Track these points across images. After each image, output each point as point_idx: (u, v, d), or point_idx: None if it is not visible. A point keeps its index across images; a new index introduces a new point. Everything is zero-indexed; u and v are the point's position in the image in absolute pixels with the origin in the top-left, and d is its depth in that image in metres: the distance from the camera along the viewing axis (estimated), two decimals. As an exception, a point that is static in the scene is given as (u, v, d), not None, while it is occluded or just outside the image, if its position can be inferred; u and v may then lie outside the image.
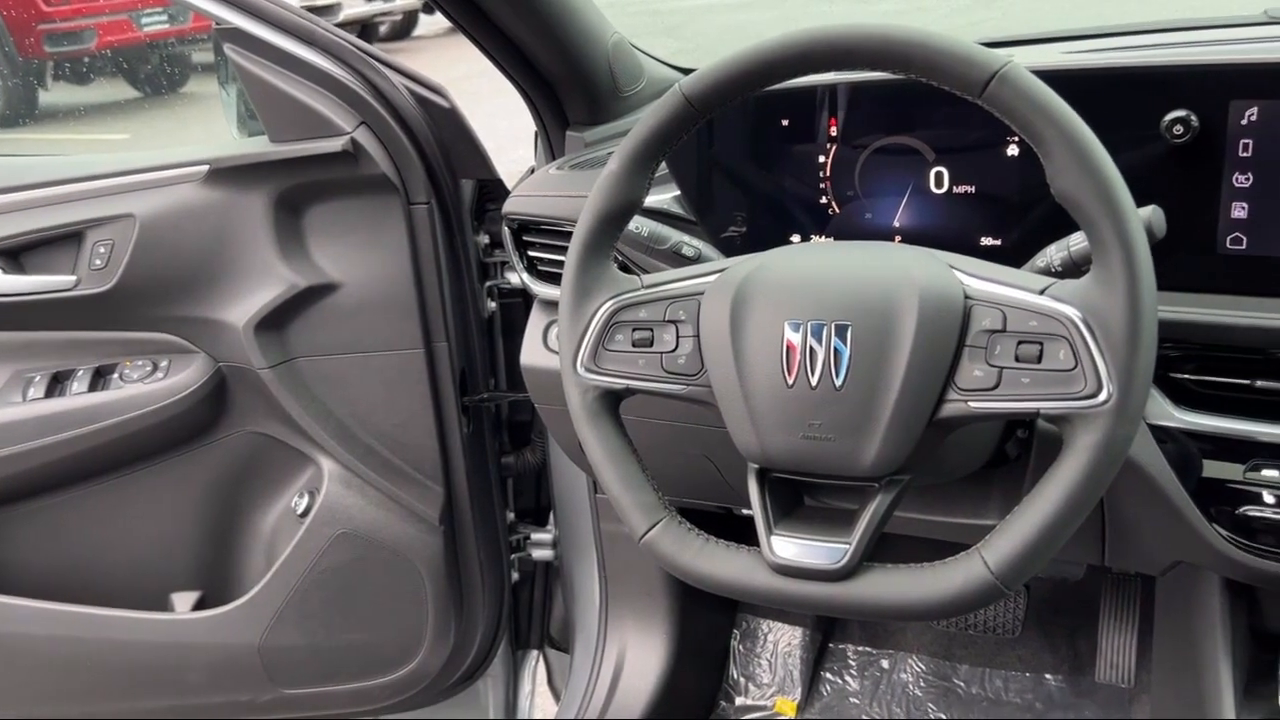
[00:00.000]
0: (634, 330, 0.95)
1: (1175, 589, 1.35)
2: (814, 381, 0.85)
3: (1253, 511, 1.02)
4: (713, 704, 2.02)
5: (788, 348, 0.87)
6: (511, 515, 1.84)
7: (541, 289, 1.40)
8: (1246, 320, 1.00)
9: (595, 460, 0.96)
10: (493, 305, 1.71)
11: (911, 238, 1.14)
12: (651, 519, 0.93)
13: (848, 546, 0.86)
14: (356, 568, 1.66)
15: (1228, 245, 1.00)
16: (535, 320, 1.46)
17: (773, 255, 0.94)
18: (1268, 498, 1.01)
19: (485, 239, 1.66)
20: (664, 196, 1.27)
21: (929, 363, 0.83)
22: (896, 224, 1.15)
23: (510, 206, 1.39)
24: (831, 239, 1.19)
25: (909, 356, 0.83)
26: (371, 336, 1.58)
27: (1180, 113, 0.98)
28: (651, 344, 0.94)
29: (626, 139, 0.94)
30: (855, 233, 1.17)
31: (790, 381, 0.86)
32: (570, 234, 0.99)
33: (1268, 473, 1.01)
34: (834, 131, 1.16)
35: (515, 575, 1.85)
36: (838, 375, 0.85)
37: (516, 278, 1.47)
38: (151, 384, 1.59)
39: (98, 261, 1.54)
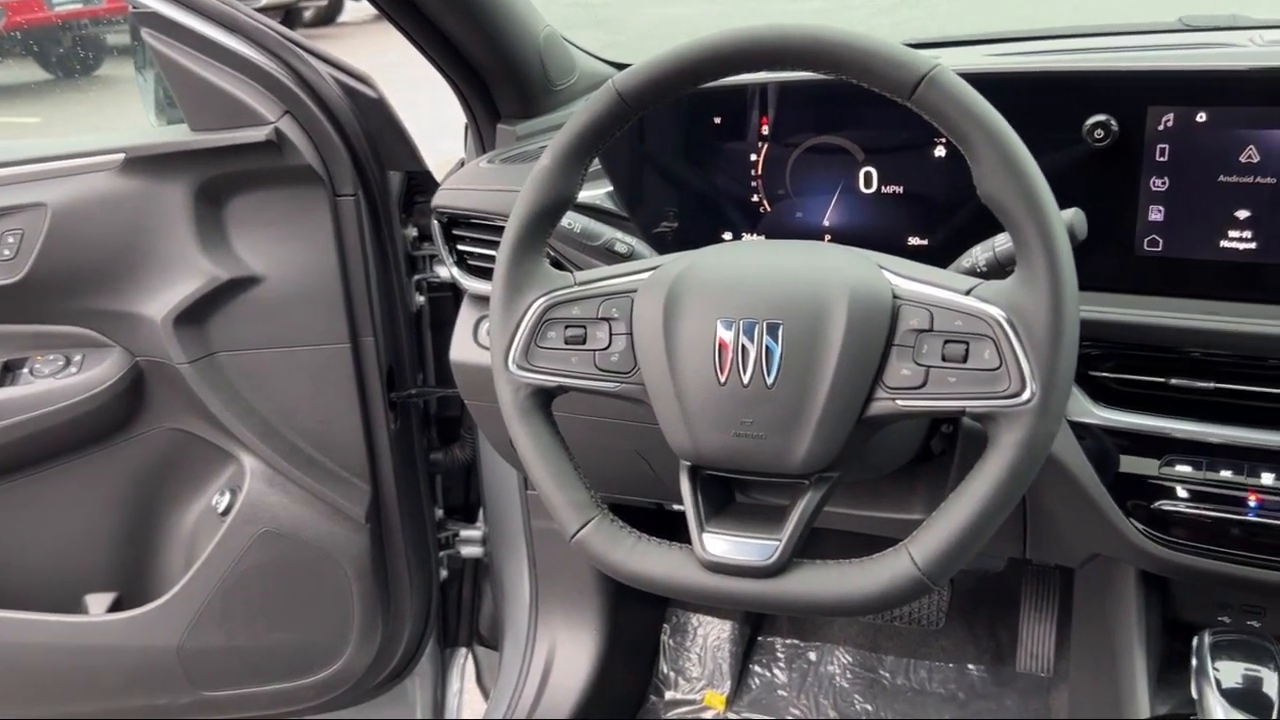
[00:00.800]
0: (567, 327, 0.94)
1: (1093, 581, 1.38)
2: (746, 380, 0.86)
3: (1167, 506, 1.05)
4: (642, 699, 2.02)
5: (720, 346, 0.87)
6: (440, 512, 1.82)
7: (472, 284, 1.39)
8: (1162, 320, 1.03)
9: (527, 458, 0.95)
10: (421, 300, 1.68)
11: (841, 237, 1.15)
12: (583, 517, 0.93)
13: (778, 543, 0.87)
14: (280, 567, 1.63)
15: (1145, 247, 1.03)
16: (465, 315, 1.45)
17: (706, 253, 0.94)
18: (1181, 492, 1.04)
19: (413, 232, 1.63)
20: (597, 192, 1.26)
21: (858, 362, 0.84)
22: (827, 223, 1.16)
23: (440, 199, 1.37)
24: (763, 237, 1.19)
25: (839, 355, 0.84)
26: (296, 331, 1.54)
27: (1101, 117, 1.00)
28: (584, 341, 0.94)
29: (559, 134, 0.94)
30: (786, 231, 1.18)
31: (723, 379, 0.87)
32: (501, 229, 0.98)
33: (1181, 468, 1.04)
34: (765, 130, 1.17)
35: (444, 573, 1.84)
36: (769, 374, 0.85)
37: (445, 272, 1.45)
38: (64, 379, 1.54)
39: (6, 252, 1.49)
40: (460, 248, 1.39)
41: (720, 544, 0.88)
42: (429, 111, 1.91)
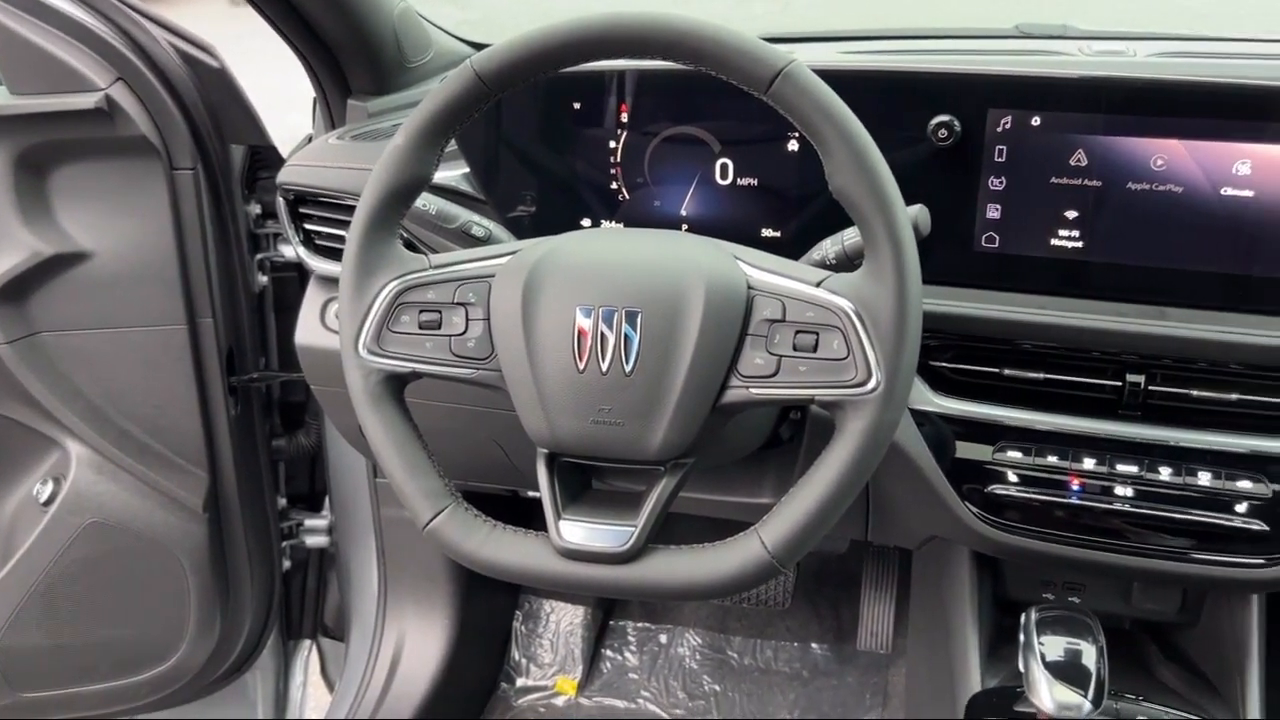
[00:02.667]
0: (421, 312, 0.92)
1: (929, 562, 1.45)
2: (604, 367, 0.86)
3: (999, 490, 1.11)
4: (493, 686, 2.01)
5: (579, 333, 0.87)
6: (283, 501, 1.77)
7: (319, 264, 1.34)
8: (997, 313, 1.08)
9: (377, 445, 0.93)
10: (264, 279, 1.62)
11: (698, 227, 1.16)
12: (436, 506, 0.91)
13: (633, 529, 0.87)
14: (109, 559, 1.54)
15: (983, 243, 1.08)
16: (312, 297, 1.40)
17: (565, 239, 0.93)
18: (1012, 477, 1.10)
19: (257, 209, 1.57)
20: (453, 174, 1.24)
21: (713, 350, 0.85)
22: (684, 212, 1.17)
23: (286, 176, 1.32)
24: (621, 224, 1.20)
25: (695, 344, 0.85)
26: (127, 310, 1.46)
27: (945, 118, 1.05)
28: (439, 326, 0.92)
29: (415, 113, 0.91)
30: (644, 219, 1.18)
31: (581, 367, 0.86)
32: (352, 208, 0.95)
33: (1012, 454, 1.10)
34: (624, 118, 1.17)
35: (287, 563, 1.78)
36: (627, 361, 0.85)
37: (291, 251, 1.40)
38: None
39: None
40: (307, 227, 1.34)
41: (576, 531, 0.88)
42: (275, 83, 1.83)
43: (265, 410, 1.69)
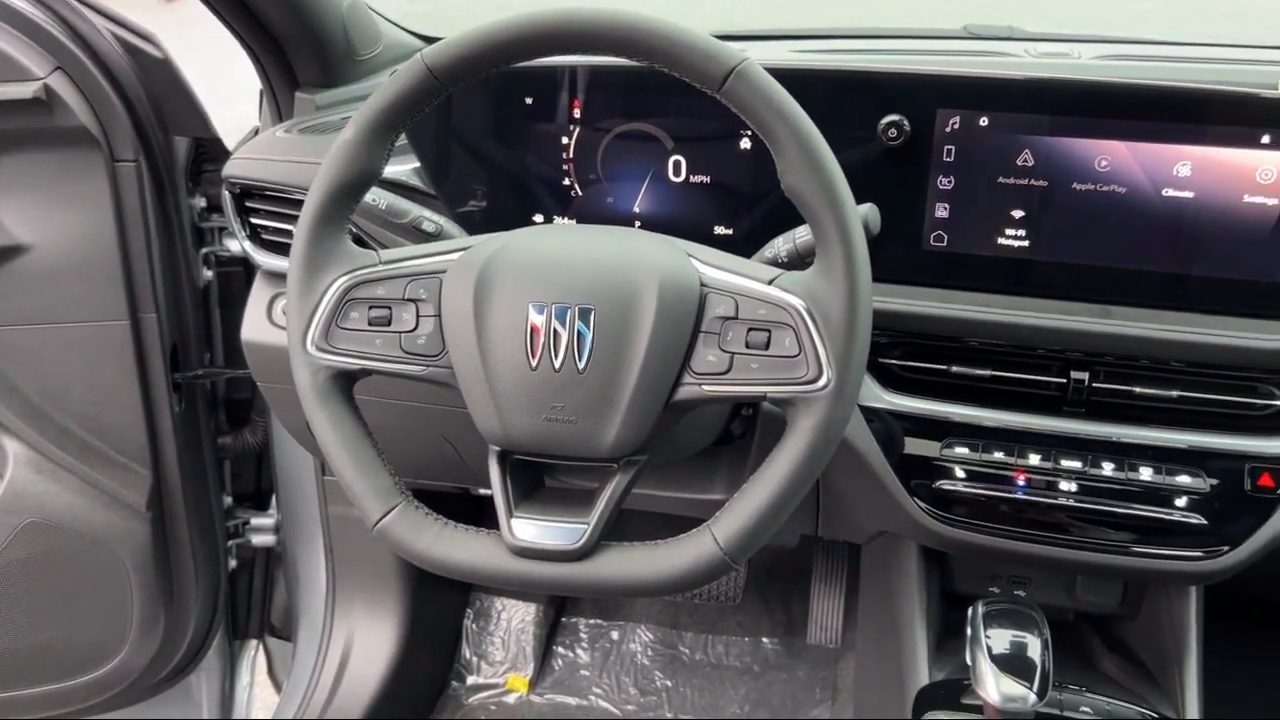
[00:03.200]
0: (370, 308, 0.91)
1: (878, 556, 1.46)
2: (557, 364, 0.86)
3: (946, 485, 1.12)
4: (444, 685, 2.00)
5: (532, 330, 0.86)
6: (229, 499, 1.74)
7: (266, 259, 1.32)
8: (945, 311, 1.10)
9: (326, 444, 0.92)
10: (209, 274, 1.59)
11: (651, 224, 1.16)
12: (386, 504, 0.90)
13: (586, 527, 0.87)
14: (48, 560, 1.51)
15: (931, 242, 1.10)
16: (258, 292, 1.38)
17: (517, 236, 0.93)
18: (959, 472, 1.12)
19: (201, 202, 1.54)
20: (403, 168, 1.23)
21: (667, 347, 0.85)
22: (637, 209, 1.17)
23: (232, 169, 1.30)
24: (574, 221, 1.19)
25: (649, 341, 0.85)
26: (67, 306, 1.43)
27: (895, 117, 1.06)
28: (389, 323, 0.91)
29: (365, 106, 0.90)
30: (597, 216, 1.18)
31: (534, 364, 0.86)
32: (300, 202, 0.94)
33: (959, 450, 1.12)
34: (577, 113, 1.16)
35: (233, 563, 1.75)
36: (581, 358, 0.85)
37: (237, 245, 1.38)
38: None
39: None
40: (254, 221, 1.32)
41: (528, 529, 0.88)
42: (220, 74, 1.80)
43: (210, 407, 1.67)
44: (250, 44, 1.35)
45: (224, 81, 1.74)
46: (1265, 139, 0.98)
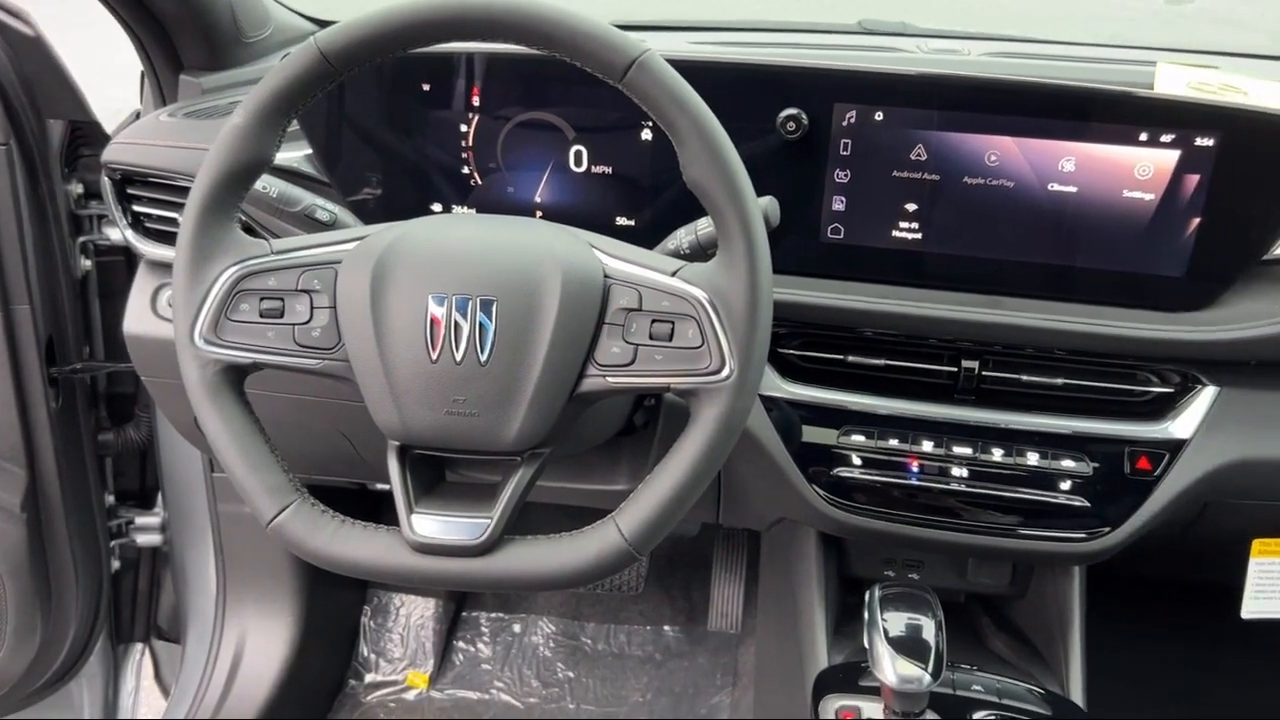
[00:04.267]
0: (262, 299, 0.88)
1: (777, 543, 1.49)
2: (459, 357, 0.84)
3: (844, 472, 1.14)
4: (341, 683, 1.96)
5: (432, 322, 0.85)
6: (111, 498, 1.67)
7: (149, 249, 1.27)
8: (841, 302, 1.12)
9: (215, 440, 0.89)
10: (87, 264, 1.52)
11: (552, 214, 1.15)
12: (281, 502, 0.87)
13: (488, 521, 0.86)
14: (-88, 566, 1.42)
15: (829, 234, 1.11)
16: (141, 283, 1.32)
17: (416, 225, 0.91)
18: (855, 460, 1.14)
19: (78, 189, 1.47)
20: (295, 154, 1.19)
21: (570, 339, 0.85)
22: (538, 199, 1.16)
23: (112, 154, 1.24)
24: (473, 210, 1.18)
25: (552, 333, 0.84)
26: None
27: (793, 111, 1.07)
28: (282, 315, 0.88)
29: (255, 90, 0.87)
30: (497, 205, 1.16)
31: (434, 356, 0.84)
32: (185, 189, 0.91)
33: (855, 438, 1.14)
34: (476, 101, 1.14)
35: (116, 564, 1.68)
36: (482, 351, 0.84)
37: (117, 234, 1.32)
38: None
39: None
40: (136, 209, 1.26)
41: (429, 524, 0.86)
42: (96, 54, 1.72)
43: (90, 403, 1.59)
44: (131, 24, 1.29)
45: (101, 62, 1.67)
46: (1143, 136, 1.02)
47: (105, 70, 1.68)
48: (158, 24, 1.29)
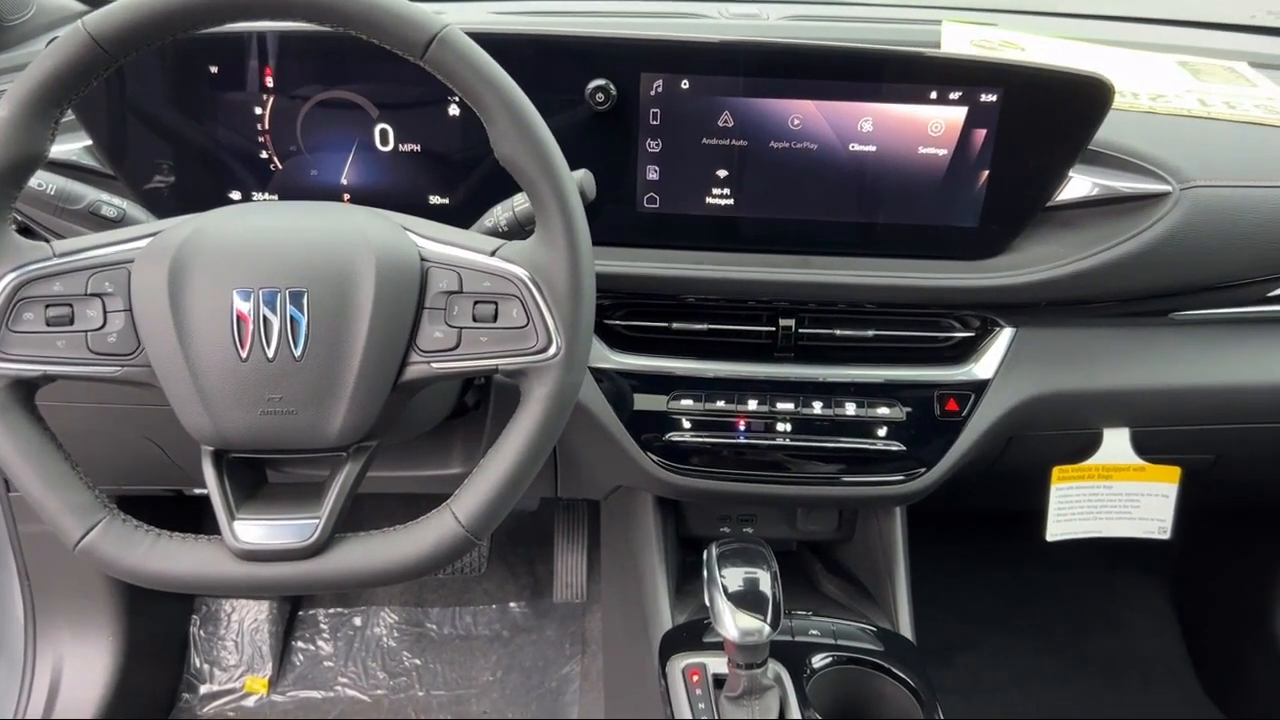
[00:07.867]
0: (47, 306, 0.82)
1: (616, 510, 1.50)
2: (270, 353, 0.81)
3: (675, 437, 1.16)
4: (174, 698, 1.87)
5: (238, 318, 0.81)
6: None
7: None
8: (661, 271, 1.13)
9: (7, 460, 0.82)
10: None
11: (361, 197, 1.11)
12: (87, 521, 0.82)
13: (317, 521, 0.83)
14: None
15: (645, 204, 1.12)
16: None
17: (213, 216, 0.86)
18: (685, 423, 1.17)
19: None
20: (73, 147, 1.10)
21: (390, 327, 0.82)
22: (345, 181, 1.12)
23: None
24: (276, 197, 1.12)
25: (369, 322, 0.81)
26: None
27: (600, 82, 1.06)
28: (72, 322, 0.82)
29: (19, 81, 0.80)
30: (301, 191, 1.11)
31: (244, 355, 0.81)
32: None
33: (685, 402, 1.16)
34: (270, 82, 1.09)
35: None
36: (296, 345, 0.81)
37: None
38: None
39: None
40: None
41: (254, 530, 0.83)
42: None
43: None
44: None
45: None
46: (933, 95, 1.07)
47: None
48: (-101, 7, 1.17)
